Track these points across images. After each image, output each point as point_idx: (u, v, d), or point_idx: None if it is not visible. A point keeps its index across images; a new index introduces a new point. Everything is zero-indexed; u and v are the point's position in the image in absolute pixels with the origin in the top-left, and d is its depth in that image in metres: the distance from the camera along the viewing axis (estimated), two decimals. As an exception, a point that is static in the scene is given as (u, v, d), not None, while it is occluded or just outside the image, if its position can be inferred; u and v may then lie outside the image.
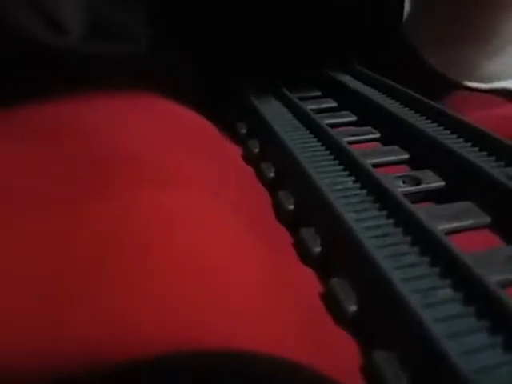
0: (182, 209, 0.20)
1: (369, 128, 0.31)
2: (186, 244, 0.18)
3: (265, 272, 0.19)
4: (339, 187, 0.23)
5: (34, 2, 0.25)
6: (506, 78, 0.38)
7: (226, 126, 0.33)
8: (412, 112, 0.31)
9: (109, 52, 0.32)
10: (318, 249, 0.21)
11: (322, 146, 0.28)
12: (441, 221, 0.21)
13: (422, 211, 0.21)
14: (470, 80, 0.38)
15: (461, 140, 0.27)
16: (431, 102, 0.31)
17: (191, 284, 0.17)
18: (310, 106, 0.33)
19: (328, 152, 0.27)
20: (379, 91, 0.35)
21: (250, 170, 0.29)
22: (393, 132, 0.30)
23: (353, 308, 0.18)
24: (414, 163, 0.27)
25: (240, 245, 0.20)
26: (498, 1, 0.35)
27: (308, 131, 0.30)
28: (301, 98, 0.35)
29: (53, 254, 0.17)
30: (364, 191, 0.23)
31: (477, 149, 0.26)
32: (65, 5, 0.27)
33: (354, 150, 0.26)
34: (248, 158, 0.30)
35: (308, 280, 0.20)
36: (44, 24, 0.26)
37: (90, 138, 0.24)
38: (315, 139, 0.29)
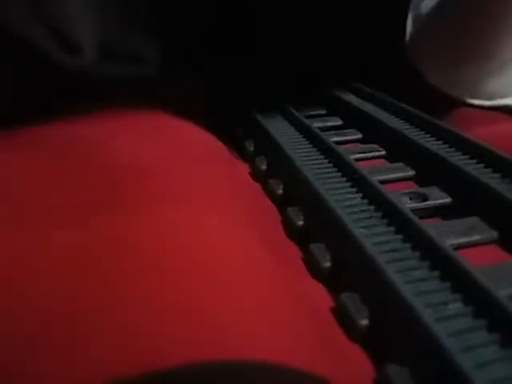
0: (195, 223, 0.20)
1: (374, 145, 0.32)
2: (199, 258, 0.19)
3: (276, 286, 0.19)
4: (347, 203, 0.24)
5: (51, 23, 0.26)
6: (507, 96, 0.39)
7: (234, 144, 0.34)
8: (416, 129, 0.32)
9: (118, 73, 0.33)
10: (327, 264, 0.21)
11: (329, 163, 0.28)
12: (449, 236, 0.22)
13: (430, 227, 0.21)
14: (472, 97, 0.38)
15: (466, 157, 0.28)
16: (435, 119, 0.32)
17: (206, 296, 0.17)
18: (315, 124, 0.34)
19: (335, 169, 0.27)
20: (383, 109, 0.36)
21: (257, 186, 0.30)
22: (398, 149, 0.31)
23: (364, 322, 0.18)
24: (420, 180, 0.28)
25: (251, 259, 0.20)
26: (498, 20, 0.36)
27: (315, 148, 0.30)
28: (307, 116, 0.35)
29: (75, 266, 0.17)
30: (372, 207, 0.24)
31: (482, 165, 0.27)
32: (80, 27, 0.28)
33: (361, 166, 0.27)
34: (255, 175, 0.31)
35: (318, 294, 0.20)
36: (60, 44, 0.26)
37: (103, 155, 0.25)
38: (322, 156, 0.29)
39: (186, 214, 0.21)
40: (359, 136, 0.34)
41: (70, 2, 0.28)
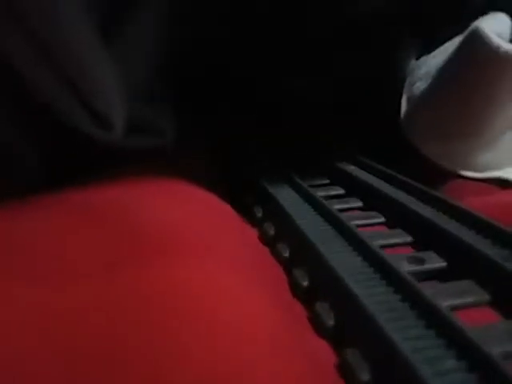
0: (210, 279, 0.22)
1: (374, 213, 0.34)
2: (213, 313, 0.20)
3: (284, 343, 0.21)
4: (349, 266, 0.26)
5: (88, 104, 0.29)
6: (498, 168, 0.41)
7: (244, 211, 0.36)
8: (413, 198, 0.34)
9: (140, 144, 0.36)
10: (331, 322, 0.23)
11: (332, 228, 0.30)
12: (444, 297, 0.23)
13: (427, 288, 0.23)
14: (464, 169, 0.41)
15: (459, 224, 0.30)
16: (430, 189, 0.34)
17: (217, 349, 0.19)
18: (319, 193, 0.36)
19: (338, 234, 0.30)
20: (382, 180, 0.38)
21: (266, 249, 0.32)
22: (396, 216, 0.33)
23: (366, 377, 0.19)
24: (417, 245, 0.30)
25: (263, 317, 0.21)
26: (488, 98, 0.39)
27: (319, 215, 0.33)
28: (311, 186, 0.38)
29: (103, 318, 0.19)
30: (372, 269, 0.25)
31: (474, 232, 0.29)
32: (112, 105, 0.31)
33: (362, 232, 0.29)
34: (264, 240, 0.33)
35: (323, 350, 0.22)
36: (95, 121, 0.30)
37: (126, 218, 0.27)
38: (326, 223, 0.31)
39: (205, 270, 0.23)
40: (360, 204, 0.36)
41: (101, 83, 0.31)
